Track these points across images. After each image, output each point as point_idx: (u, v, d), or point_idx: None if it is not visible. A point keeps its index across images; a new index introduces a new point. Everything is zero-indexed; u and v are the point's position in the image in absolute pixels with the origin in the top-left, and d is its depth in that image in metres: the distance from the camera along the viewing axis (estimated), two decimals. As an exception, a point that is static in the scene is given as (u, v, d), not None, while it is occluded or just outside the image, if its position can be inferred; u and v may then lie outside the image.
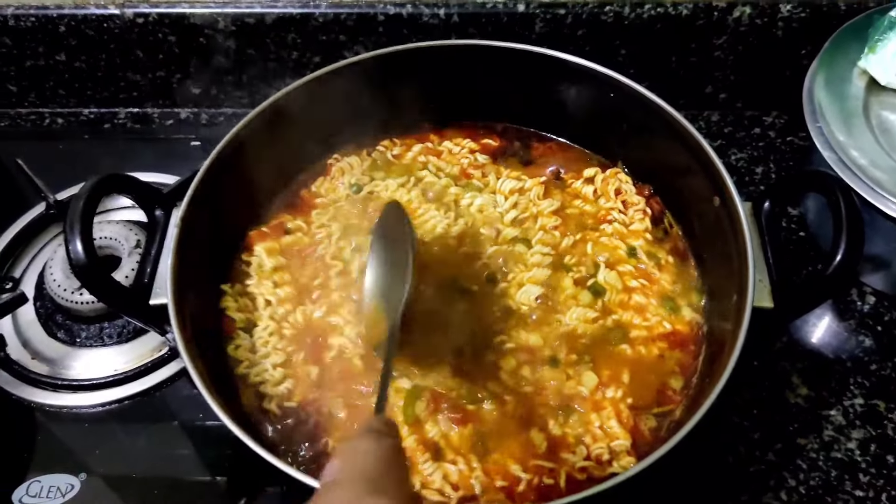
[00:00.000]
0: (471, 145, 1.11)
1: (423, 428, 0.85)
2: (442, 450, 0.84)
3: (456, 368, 0.88)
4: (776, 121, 1.27)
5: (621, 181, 1.04)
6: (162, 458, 0.95)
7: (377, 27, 1.19)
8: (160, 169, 1.21)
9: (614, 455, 0.82)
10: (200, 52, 1.26)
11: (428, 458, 0.82)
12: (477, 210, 1.03)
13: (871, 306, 1.05)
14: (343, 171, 1.08)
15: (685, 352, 0.90)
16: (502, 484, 0.81)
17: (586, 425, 0.85)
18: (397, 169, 1.09)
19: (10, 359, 1.04)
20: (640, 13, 1.14)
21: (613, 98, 0.98)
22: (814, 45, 1.14)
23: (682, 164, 0.93)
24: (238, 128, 0.94)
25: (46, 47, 1.27)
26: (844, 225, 0.72)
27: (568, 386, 0.87)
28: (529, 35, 1.18)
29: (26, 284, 1.11)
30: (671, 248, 0.99)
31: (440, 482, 0.81)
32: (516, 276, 0.96)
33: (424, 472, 0.81)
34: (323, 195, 1.06)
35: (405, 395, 0.87)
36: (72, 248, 0.74)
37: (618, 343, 0.91)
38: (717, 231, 0.88)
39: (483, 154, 1.10)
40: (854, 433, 0.95)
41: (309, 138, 1.04)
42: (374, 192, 1.06)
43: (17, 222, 1.17)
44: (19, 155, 1.21)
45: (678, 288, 0.95)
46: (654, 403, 0.86)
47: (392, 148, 1.11)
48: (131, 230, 1.09)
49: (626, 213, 1.02)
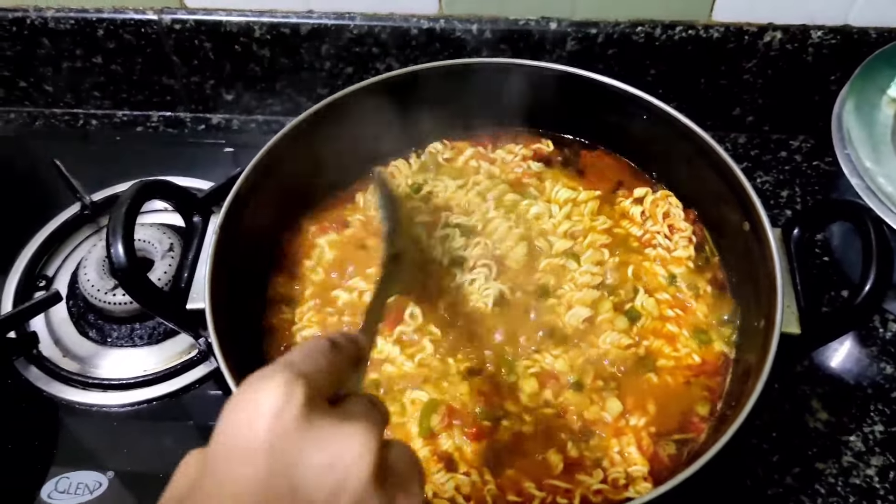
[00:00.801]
0: (524, 152, 1.10)
1: (437, 440, 0.85)
2: (455, 462, 0.84)
3: (473, 386, 0.89)
4: (803, 145, 1.27)
5: (671, 204, 1.03)
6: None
7: (410, 41, 1.21)
8: (191, 173, 1.23)
9: (631, 480, 0.82)
10: (235, 60, 1.27)
11: (441, 469, 0.83)
12: (534, 218, 1.02)
13: (894, 334, 1.05)
14: (393, 175, 1.08)
15: (712, 379, 0.89)
16: (515, 500, 0.81)
17: (605, 450, 0.84)
18: (451, 171, 1.09)
19: (42, 356, 1.06)
20: (671, 35, 1.15)
21: (647, 119, 0.99)
22: (843, 71, 1.15)
23: (711, 187, 0.93)
24: (283, 133, 0.95)
25: (84, 49, 1.29)
26: (874, 255, 0.73)
27: (591, 411, 0.87)
28: (560, 52, 1.19)
29: (59, 283, 1.13)
30: (711, 277, 0.97)
31: (452, 492, 0.81)
32: (566, 294, 0.95)
33: (437, 481, 0.82)
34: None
35: (422, 407, 0.87)
36: (114, 252, 0.75)
37: (645, 372, 0.90)
38: (745, 256, 0.89)
39: (536, 161, 1.09)
40: (873, 460, 0.95)
41: (353, 145, 1.04)
42: (432, 191, 1.06)
43: (52, 222, 1.19)
44: (55, 155, 1.23)
45: (712, 320, 0.94)
46: (676, 430, 0.86)
47: (444, 151, 1.11)
48: (164, 234, 1.10)
49: (671, 239, 1.00)
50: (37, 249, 1.16)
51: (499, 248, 0.99)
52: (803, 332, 0.78)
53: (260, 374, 0.46)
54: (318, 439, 0.44)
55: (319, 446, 0.44)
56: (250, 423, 0.44)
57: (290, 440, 0.43)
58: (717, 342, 0.92)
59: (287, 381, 0.45)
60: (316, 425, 0.44)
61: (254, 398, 0.45)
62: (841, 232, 1.11)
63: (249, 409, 0.45)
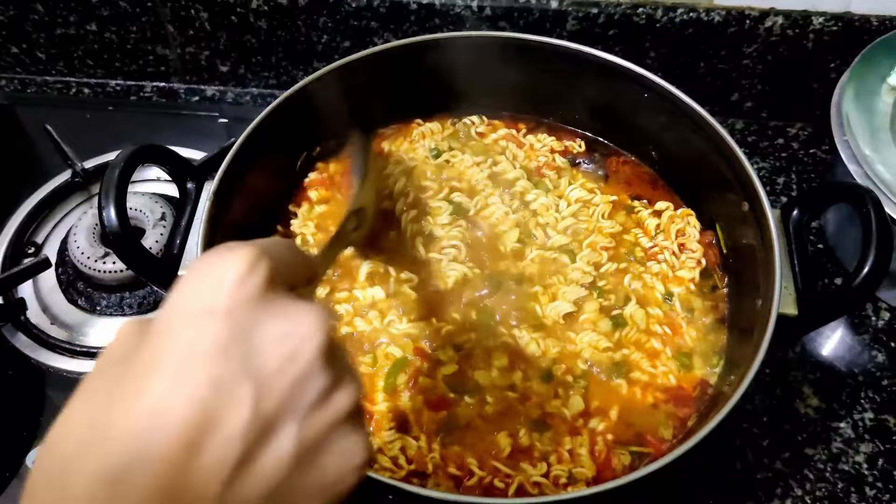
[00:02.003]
0: (553, 145, 1.09)
1: (398, 399, 0.86)
2: (409, 424, 0.84)
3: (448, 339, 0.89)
4: (800, 132, 1.27)
5: (689, 224, 1.00)
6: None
7: (409, 16, 1.19)
8: (184, 144, 1.20)
9: (573, 481, 0.81)
10: (231, 31, 1.26)
11: (393, 427, 0.83)
12: (542, 208, 1.01)
13: (886, 322, 1.05)
14: (424, 135, 1.08)
15: (679, 409, 0.87)
16: (454, 472, 0.81)
17: (556, 445, 0.83)
18: (476, 147, 1.08)
19: (29, 323, 1.05)
20: (672, 17, 1.15)
21: (647, 98, 0.98)
22: (843, 58, 1.15)
23: (712, 167, 0.93)
24: (283, 97, 0.94)
25: (78, 16, 1.28)
26: (874, 237, 0.72)
27: (552, 404, 0.86)
28: (560, 32, 1.18)
29: (48, 250, 1.12)
30: (712, 306, 0.94)
31: (397, 451, 0.82)
32: (551, 286, 0.94)
33: (385, 438, 0.83)
34: (398, 152, 1.07)
35: (392, 362, 0.87)
36: (106, 216, 0.74)
37: (618, 377, 0.88)
38: (743, 237, 0.89)
39: (563, 157, 1.08)
40: (862, 447, 0.95)
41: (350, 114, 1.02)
42: (449, 161, 1.05)
43: (42, 188, 1.18)
44: (46, 122, 1.22)
45: (700, 347, 0.91)
46: (634, 442, 0.84)
47: (479, 125, 1.11)
48: (157, 202, 1.09)
49: (679, 257, 0.98)
50: (26, 216, 1.15)
51: (486, 231, 0.98)
52: (800, 313, 0.77)
53: (225, 245, 0.46)
54: (275, 311, 0.44)
55: (276, 318, 0.44)
56: (213, 287, 0.44)
57: (250, 307, 0.44)
58: (699, 369, 0.90)
59: (253, 254, 0.45)
60: (275, 299, 0.45)
61: (218, 264, 0.45)
62: (837, 220, 1.11)
63: (213, 273, 0.44)
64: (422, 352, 0.89)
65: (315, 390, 0.44)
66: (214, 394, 0.41)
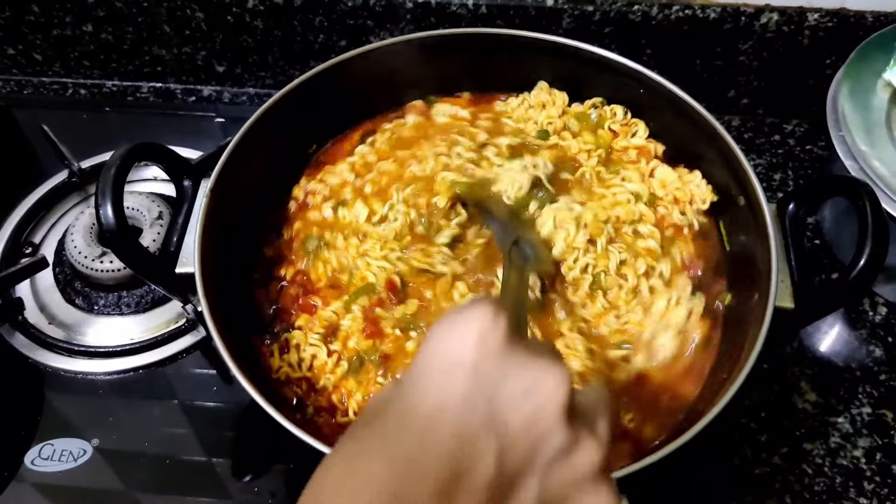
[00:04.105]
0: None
1: (347, 314, 0.87)
2: (336, 337, 0.86)
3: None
4: (796, 129, 1.27)
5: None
6: (174, 427, 0.96)
7: (405, 14, 1.19)
8: (181, 144, 1.18)
9: None
10: (227, 30, 1.26)
11: (321, 333, 0.85)
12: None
13: (883, 317, 1.05)
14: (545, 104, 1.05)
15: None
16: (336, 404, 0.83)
17: None
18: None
19: (27, 322, 1.05)
20: (668, 14, 1.15)
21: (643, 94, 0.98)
22: (838, 55, 1.15)
23: (708, 162, 0.94)
24: (280, 95, 0.94)
25: (74, 17, 1.27)
26: (870, 230, 0.72)
27: None
28: (556, 30, 1.18)
29: (46, 250, 1.12)
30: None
31: (308, 357, 0.85)
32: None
33: (310, 334, 0.85)
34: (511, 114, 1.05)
35: (362, 286, 0.88)
36: (103, 213, 0.74)
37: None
38: (740, 231, 0.89)
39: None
40: (860, 441, 0.95)
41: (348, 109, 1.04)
42: (557, 144, 1.02)
43: (39, 188, 1.18)
44: (43, 123, 1.22)
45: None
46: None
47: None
48: (153, 202, 1.09)
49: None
50: (23, 216, 1.15)
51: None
52: (797, 306, 0.77)
53: (465, 305, 0.48)
54: (517, 366, 0.46)
55: (519, 373, 0.45)
56: (458, 343, 0.46)
57: (494, 362, 0.45)
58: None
59: (493, 309, 0.47)
60: (516, 353, 0.46)
61: (463, 321, 0.47)
62: (832, 216, 1.11)
63: (458, 329, 0.47)
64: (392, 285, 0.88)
65: (557, 446, 0.45)
66: (459, 445, 0.43)
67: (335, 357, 0.84)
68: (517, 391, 0.45)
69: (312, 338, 0.85)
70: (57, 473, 0.92)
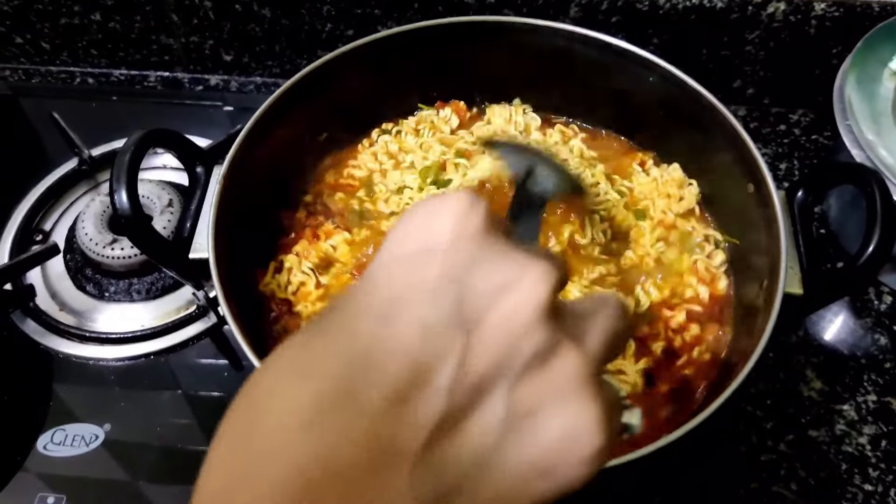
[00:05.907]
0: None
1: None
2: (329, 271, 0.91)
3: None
4: (802, 119, 1.28)
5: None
6: (184, 412, 0.97)
7: (413, 3, 1.20)
8: (189, 133, 1.15)
9: None
10: (235, 19, 1.26)
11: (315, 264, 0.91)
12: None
13: (888, 306, 1.06)
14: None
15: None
16: None
17: None
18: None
19: (38, 309, 1.05)
20: (675, 3, 1.15)
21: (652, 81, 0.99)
22: (845, 44, 1.15)
23: (718, 150, 0.94)
24: (294, 79, 0.94)
25: (82, 6, 1.27)
26: (879, 217, 0.73)
27: None
28: (563, 19, 1.19)
29: (56, 237, 1.12)
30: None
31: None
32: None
33: (308, 259, 0.91)
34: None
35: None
36: (117, 198, 0.75)
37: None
38: (748, 218, 0.89)
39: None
40: (866, 429, 0.96)
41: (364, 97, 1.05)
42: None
43: (49, 176, 1.18)
44: (53, 110, 1.22)
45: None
46: None
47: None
48: (164, 189, 1.10)
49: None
50: (33, 204, 1.15)
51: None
52: (805, 292, 0.78)
53: (439, 193, 0.43)
54: (496, 256, 0.39)
55: (497, 265, 0.39)
56: (429, 228, 0.40)
57: (468, 251, 0.39)
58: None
59: (471, 195, 0.41)
60: (496, 241, 0.40)
61: (437, 203, 0.41)
62: (839, 205, 1.11)
63: (432, 211, 0.41)
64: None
65: (532, 349, 0.37)
66: (421, 341, 0.37)
67: (322, 291, 0.88)
68: (493, 284, 0.38)
69: (305, 265, 0.89)
70: (70, 458, 0.92)
